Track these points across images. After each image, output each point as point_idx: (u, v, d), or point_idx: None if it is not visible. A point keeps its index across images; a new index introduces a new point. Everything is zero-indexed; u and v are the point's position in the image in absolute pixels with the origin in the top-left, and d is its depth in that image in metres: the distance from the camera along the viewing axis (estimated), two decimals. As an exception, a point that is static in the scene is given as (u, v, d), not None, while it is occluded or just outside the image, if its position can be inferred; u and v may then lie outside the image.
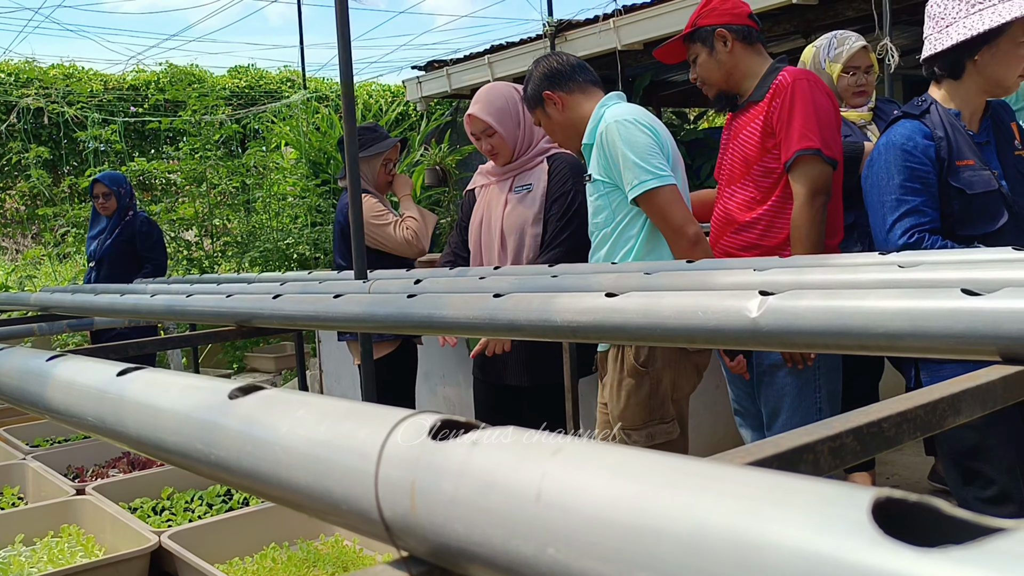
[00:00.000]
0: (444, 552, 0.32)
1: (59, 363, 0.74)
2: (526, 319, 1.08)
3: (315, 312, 1.45)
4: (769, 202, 2.41)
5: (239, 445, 0.45)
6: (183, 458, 0.51)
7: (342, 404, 0.40)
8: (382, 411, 0.39)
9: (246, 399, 0.48)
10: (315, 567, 1.83)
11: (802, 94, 2.35)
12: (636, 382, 2.26)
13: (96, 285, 3.01)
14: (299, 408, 0.43)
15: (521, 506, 0.29)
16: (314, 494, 0.38)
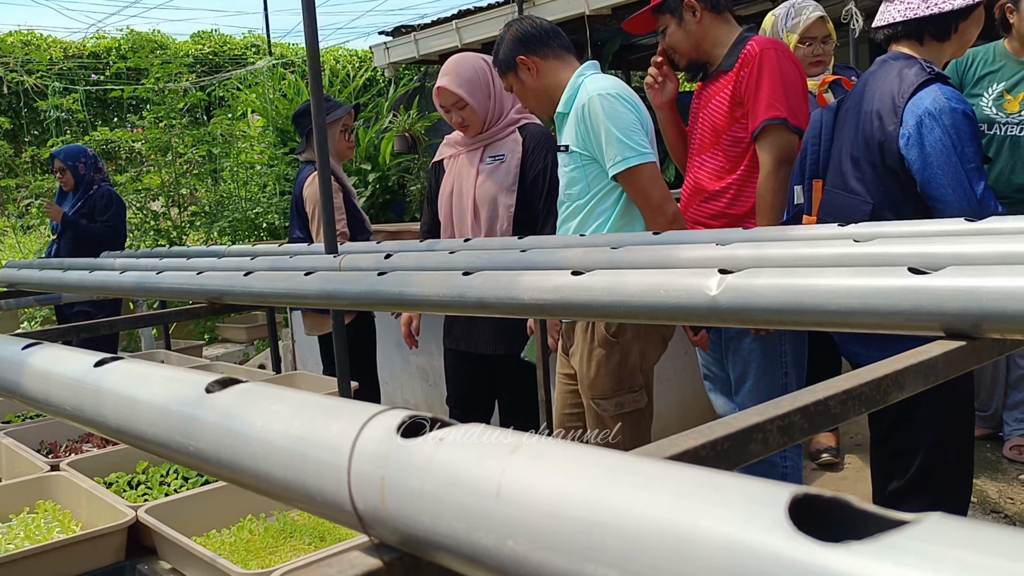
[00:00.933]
0: (413, 542, 0.35)
1: (35, 352, 0.75)
2: (494, 297, 1.11)
3: (286, 289, 1.46)
4: (738, 171, 2.46)
5: (217, 438, 0.47)
6: (162, 449, 0.53)
7: (315, 399, 0.43)
8: (353, 407, 0.41)
9: (223, 393, 0.50)
10: (292, 537, 1.86)
11: (769, 64, 2.39)
12: (606, 352, 2.30)
13: (64, 260, 2.99)
14: (274, 403, 0.45)
15: (483, 501, 0.31)
16: (290, 487, 0.41)
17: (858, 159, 2.07)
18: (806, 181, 2.25)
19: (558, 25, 2.60)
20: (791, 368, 2.52)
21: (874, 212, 2.01)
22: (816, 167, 2.22)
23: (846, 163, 2.10)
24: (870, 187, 2.04)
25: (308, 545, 1.82)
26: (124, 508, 1.85)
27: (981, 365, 0.70)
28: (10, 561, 1.67)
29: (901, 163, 1.98)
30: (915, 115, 1.97)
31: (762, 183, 2.40)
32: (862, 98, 2.11)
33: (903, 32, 2.14)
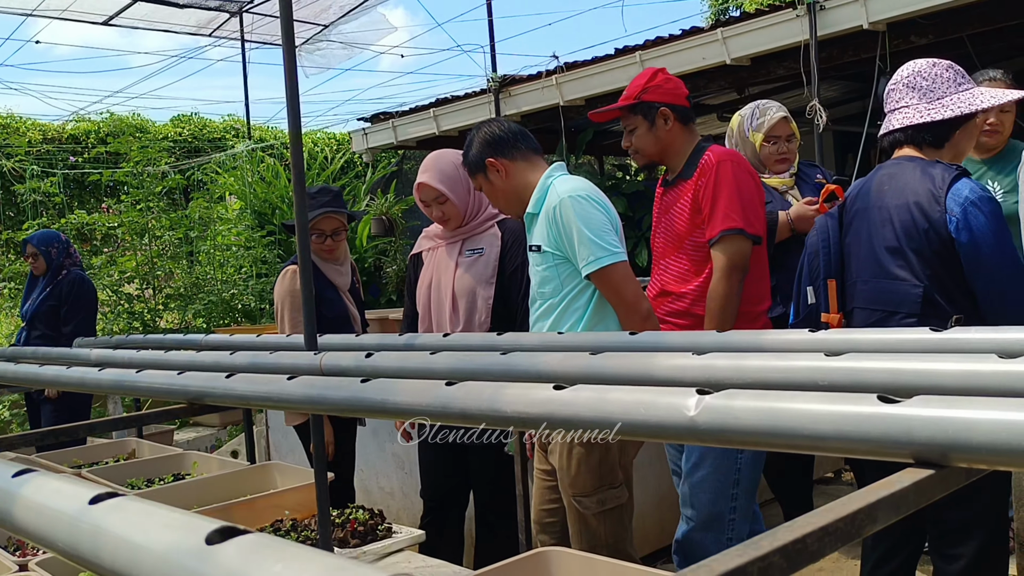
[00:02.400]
0: None
1: (27, 480, 0.76)
2: (477, 408, 1.13)
3: (268, 393, 1.47)
4: (703, 275, 2.58)
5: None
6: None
7: (326, 559, 0.44)
8: (366, 571, 0.43)
9: (224, 546, 0.51)
10: None
11: (725, 175, 2.55)
12: (586, 450, 2.31)
13: (38, 350, 2.96)
14: (276, 563, 0.46)
15: None
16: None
17: (899, 249, 2.18)
18: (820, 282, 2.33)
19: (534, 115, 2.73)
20: (745, 468, 2.56)
21: (925, 294, 2.13)
22: (830, 268, 2.32)
23: (883, 255, 2.21)
24: (917, 272, 2.15)
25: None
26: None
27: (948, 492, 0.73)
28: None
29: (949, 246, 2.11)
30: (958, 203, 2.10)
31: (714, 287, 2.52)
32: (881, 196, 2.22)
33: (903, 139, 2.28)
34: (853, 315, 2.25)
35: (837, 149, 8.36)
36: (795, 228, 3.03)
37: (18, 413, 5.91)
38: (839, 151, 8.48)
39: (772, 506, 3.76)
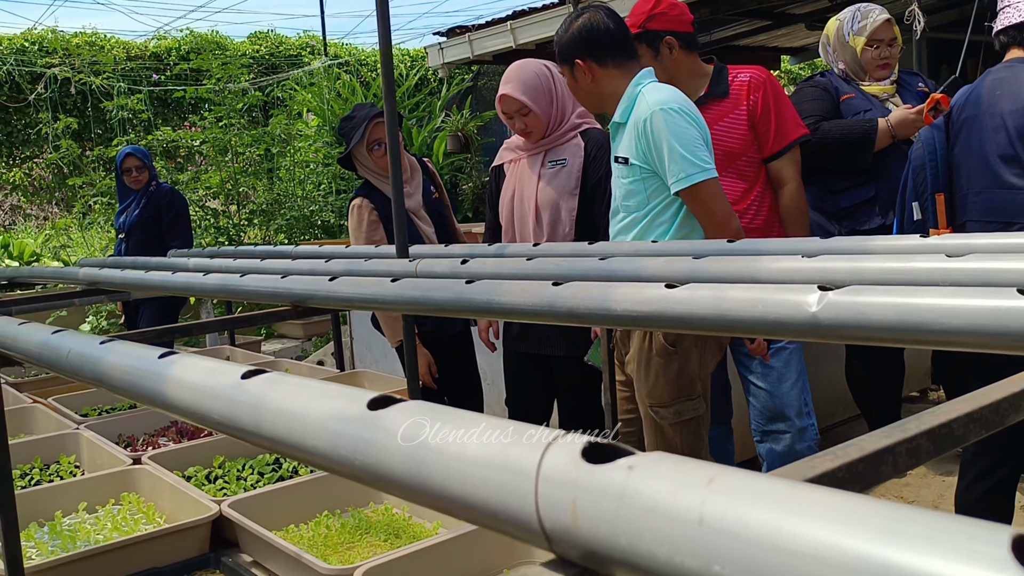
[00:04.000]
0: (599, 559, 0.38)
1: (174, 362, 0.80)
2: (585, 308, 1.13)
3: (372, 295, 1.50)
4: (757, 189, 2.63)
5: (386, 456, 0.51)
6: (326, 461, 0.57)
7: (493, 423, 0.46)
8: (529, 431, 0.44)
9: (388, 411, 0.53)
10: (367, 534, 1.91)
11: (778, 90, 2.71)
12: (665, 361, 2.31)
13: (142, 260, 3.08)
14: (447, 425, 0.48)
15: (685, 528, 0.34)
16: (475, 506, 0.44)
17: (1015, 156, 2.11)
18: (927, 196, 2.27)
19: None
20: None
21: None
22: (937, 182, 2.25)
23: (997, 163, 2.14)
24: None
25: (384, 541, 1.87)
26: (207, 502, 1.92)
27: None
28: (103, 552, 1.75)
29: None
30: None
31: (791, 198, 2.59)
32: (993, 101, 2.13)
33: (1013, 39, 2.19)
34: (965, 228, 2.18)
35: (931, 59, 7.96)
36: (896, 135, 2.92)
37: (115, 323, 6.18)
38: (932, 62, 8.06)
39: (856, 423, 3.73)
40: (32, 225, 11.66)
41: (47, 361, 1.12)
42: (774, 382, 2.69)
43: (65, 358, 1.03)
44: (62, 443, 2.69)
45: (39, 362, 1.17)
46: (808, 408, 2.75)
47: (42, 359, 1.16)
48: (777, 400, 2.69)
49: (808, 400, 2.75)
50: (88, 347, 0.98)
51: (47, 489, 2.19)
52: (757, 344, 2.38)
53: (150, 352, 0.86)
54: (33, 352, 1.17)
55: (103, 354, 0.94)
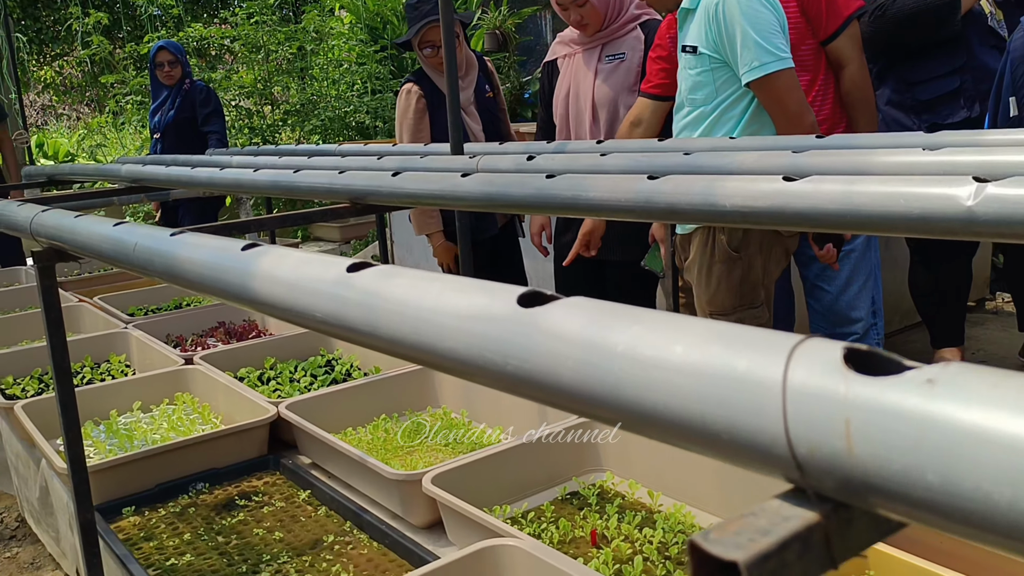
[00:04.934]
0: (892, 496, 0.30)
1: (261, 255, 0.72)
2: (688, 203, 1.04)
3: (440, 191, 1.41)
4: (820, 78, 2.50)
5: (554, 361, 0.43)
6: (466, 366, 0.49)
7: (712, 327, 0.37)
8: (764, 335, 0.36)
9: (542, 308, 0.45)
10: (428, 438, 1.87)
11: None
12: (728, 267, 2.21)
13: (184, 157, 3.00)
14: (633, 323, 0.40)
15: None
16: (690, 425, 0.36)
17: None
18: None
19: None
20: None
21: None
22: None
23: None
24: None
25: (444, 446, 1.83)
26: (264, 404, 1.89)
27: None
28: (163, 452, 1.72)
29: None
30: None
31: (854, 81, 2.45)
32: None
33: None
34: None
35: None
36: None
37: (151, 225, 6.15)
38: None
39: (914, 331, 3.63)
40: (64, 126, 11.59)
41: (109, 255, 1.05)
42: (841, 286, 2.59)
43: (132, 252, 0.96)
44: (111, 342, 2.67)
45: (100, 256, 1.10)
46: (876, 308, 2.66)
47: (103, 253, 1.09)
48: (844, 304, 2.60)
49: (877, 301, 2.66)
50: (158, 240, 0.91)
51: (101, 388, 2.17)
52: (827, 251, 2.27)
53: (231, 244, 0.78)
54: (93, 246, 1.10)
55: (175, 247, 0.86)
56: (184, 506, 1.67)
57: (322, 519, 1.58)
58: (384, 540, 1.47)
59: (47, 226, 1.31)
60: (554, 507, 1.51)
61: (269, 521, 1.59)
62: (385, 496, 1.58)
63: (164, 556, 1.49)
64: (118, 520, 1.63)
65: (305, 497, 1.67)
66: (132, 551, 1.49)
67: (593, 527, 1.43)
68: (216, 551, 1.49)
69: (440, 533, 1.51)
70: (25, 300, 3.54)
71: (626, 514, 1.45)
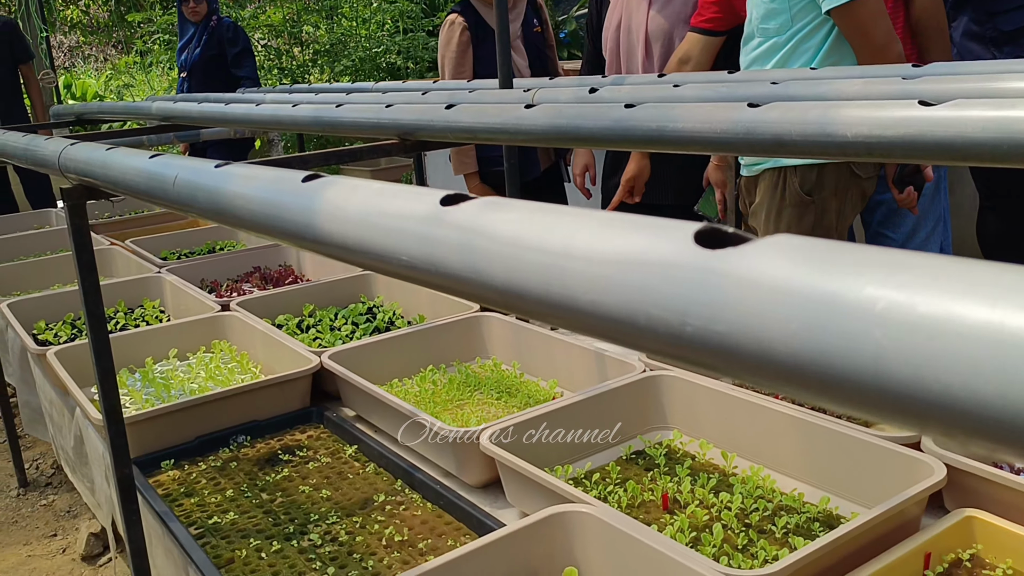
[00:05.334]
0: None
1: (332, 186, 0.60)
2: (799, 133, 0.91)
3: (502, 124, 1.28)
4: (889, 4, 2.26)
5: (767, 323, 0.31)
6: (614, 324, 0.37)
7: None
8: None
9: (738, 251, 0.33)
10: (477, 391, 1.77)
11: None
12: (799, 212, 2.07)
13: (215, 95, 2.88)
14: (880, 267, 0.28)
15: None
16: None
17: None
18: None
19: None
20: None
21: None
22: None
23: None
24: None
25: (496, 400, 1.73)
26: (307, 353, 1.79)
27: None
28: (202, 403, 1.64)
29: None
30: None
31: (929, 5, 2.24)
32: None
33: None
34: None
35: None
36: None
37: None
38: None
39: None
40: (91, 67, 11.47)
41: (145, 190, 0.94)
42: (907, 233, 2.43)
43: (171, 187, 0.84)
44: (145, 287, 2.59)
45: (135, 192, 0.99)
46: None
47: (138, 188, 0.98)
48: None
49: (947, 249, 2.50)
50: (202, 173, 0.79)
51: (136, 334, 2.09)
52: (907, 194, 2.12)
53: (289, 175, 0.66)
54: (128, 180, 0.99)
55: (223, 181, 0.75)
56: (225, 460, 1.59)
57: (371, 477, 1.49)
58: (439, 501, 1.37)
59: (77, 160, 1.20)
60: (619, 468, 1.40)
61: (315, 478, 1.50)
62: (438, 453, 1.48)
63: (206, 513, 1.40)
64: (156, 474, 1.55)
65: (352, 453, 1.58)
66: (172, 508, 1.41)
67: (664, 490, 1.32)
68: (260, 509, 1.41)
69: (497, 493, 1.41)
70: (56, 243, 3.47)
71: (699, 477, 1.34)
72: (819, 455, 1.31)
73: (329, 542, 1.30)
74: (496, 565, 1.09)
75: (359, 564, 1.23)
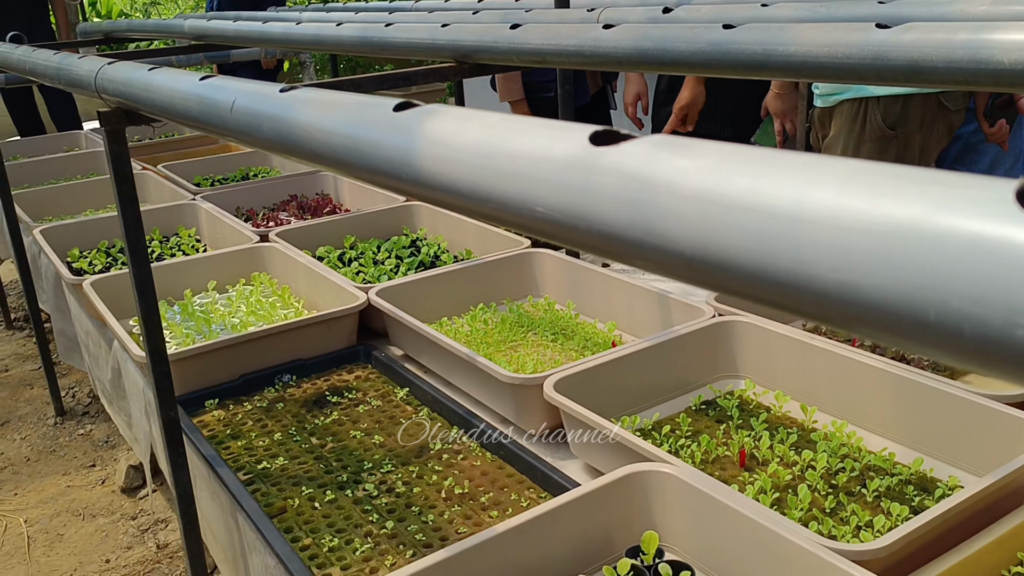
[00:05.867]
0: None
1: (431, 117, 0.50)
2: (943, 59, 0.79)
3: (577, 46, 1.16)
4: None
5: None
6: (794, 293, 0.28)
7: None
8: None
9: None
10: (531, 331, 1.69)
11: None
12: (880, 147, 1.93)
13: (248, 13, 2.75)
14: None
15: None
16: None
17: None
18: None
19: None
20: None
21: None
22: None
23: None
24: None
25: (552, 341, 1.64)
26: (352, 289, 1.71)
27: None
28: (249, 340, 1.56)
29: None
30: None
31: None
32: None
33: None
34: None
35: None
36: None
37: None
38: None
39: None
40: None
41: (197, 117, 0.84)
42: (985, 169, 2.29)
43: (228, 114, 0.74)
44: (179, 214, 2.51)
45: (184, 119, 0.89)
46: None
47: (188, 114, 0.88)
48: None
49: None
50: (264, 99, 0.69)
51: (174, 265, 2.01)
52: (999, 128, 1.97)
53: (377, 102, 0.56)
54: (176, 105, 0.89)
55: (291, 110, 0.65)
56: (271, 400, 1.52)
57: (424, 421, 1.42)
58: (499, 451, 1.30)
59: (116, 81, 1.10)
60: (689, 419, 1.32)
61: (366, 422, 1.43)
62: (495, 399, 1.40)
63: (254, 458, 1.34)
64: (200, 414, 1.49)
65: (403, 396, 1.51)
66: (219, 451, 1.35)
67: (741, 446, 1.24)
68: (311, 455, 1.34)
69: (556, 442, 1.34)
70: (86, 166, 3.39)
71: (778, 431, 1.26)
72: (910, 412, 1.22)
73: (385, 492, 1.23)
74: (570, 527, 1.02)
75: (418, 518, 1.17)
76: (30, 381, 2.88)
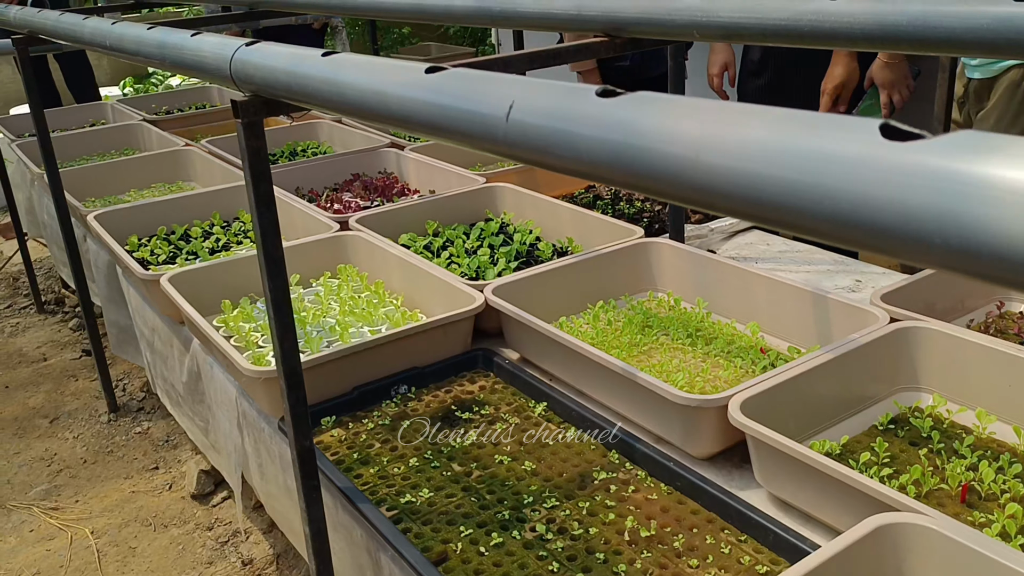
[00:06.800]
0: None
1: (643, 106, 0.34)
2: None
3: (793, 20, 0.99)
4: None
5: None
6: None
7: None
8: None
9: None
10: (662, 332, 1.53)
11: None
12: None
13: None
14: None
15: None
16: None
17: None
18: None
19: None
20: None
21: None
22: None
23: None
24: None
25: (690, 345, 1.48)
26: (463, 287, 1.56)
27: None
28: (358, 352, 1.40)
29: None
30: None
31: None
32: None
33: None
34: None
35: None
36: None
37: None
38: None
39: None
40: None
41: (378, 112, 0.67)
42: None
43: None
44: (237, 197, 2.33)
45: (359, 112, 0.72)
46: None
47: (365, 107, 0.72)
48: None
49: None
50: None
51: (251, 258, 1.85)
52: None
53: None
54: (349, 99, 0.72)
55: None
56: (393, 417, 1.37)
57: (575, 444, 1.27)
58: (674, 482, 1.15)
59: (258, 66, 0.93)
60: (886, 443, 1.17)
61: (509, 444, 1.28)
62: (654, 417, 1.25)
63: (394, 489, 1.19)
64: (318, 433, 1.34)
65: (542, 411, 1.35)
66: (355, 483, 1.20)
67: (962, 478, 1.09)
68: (456, 484, 1.19)
69: (727, 466, 1.19)
70: (119, 141, 3.20)
71: (1000, 459, 1.11)
72: None
73: (557, 534, 1.08)
74: (818, 591, 0.87)
75: (606, 568, 1.02)
76: (73, 372, 2.72)
